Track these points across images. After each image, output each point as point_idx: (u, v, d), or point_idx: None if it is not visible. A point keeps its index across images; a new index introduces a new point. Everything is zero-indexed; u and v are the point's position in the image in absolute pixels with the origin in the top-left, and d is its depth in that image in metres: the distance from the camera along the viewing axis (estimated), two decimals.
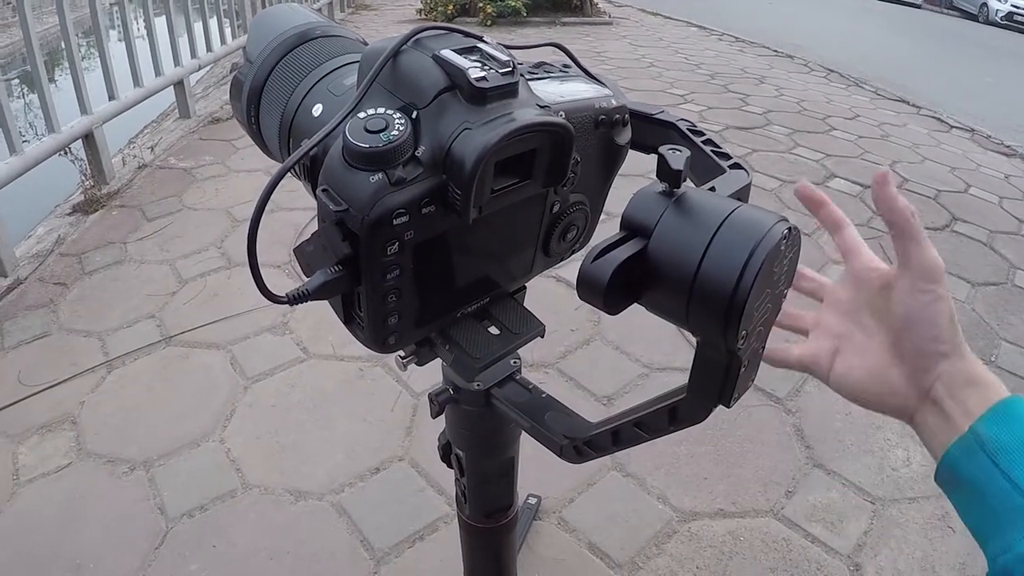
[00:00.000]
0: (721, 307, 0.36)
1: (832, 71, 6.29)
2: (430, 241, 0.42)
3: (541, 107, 0.42)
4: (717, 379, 0.40)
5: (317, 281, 0.40)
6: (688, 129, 0.54)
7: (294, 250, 0.43)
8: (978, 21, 16.99)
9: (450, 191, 0.39)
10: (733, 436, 1.75)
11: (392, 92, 0.42)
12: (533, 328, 0.55)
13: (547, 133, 0.41)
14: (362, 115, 0.40)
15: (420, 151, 0.39)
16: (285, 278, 2.34)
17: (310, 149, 0.41)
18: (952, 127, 4.83)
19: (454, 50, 0.42)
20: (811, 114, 4.62)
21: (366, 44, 0.51)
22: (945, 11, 18.77)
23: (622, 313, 0.39)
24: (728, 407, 0.42)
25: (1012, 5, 16.60)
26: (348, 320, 0.46)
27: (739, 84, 5.34)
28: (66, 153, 2.97)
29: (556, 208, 0.50)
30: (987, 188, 3.60)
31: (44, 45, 2.82)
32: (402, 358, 0.53)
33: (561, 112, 0.43)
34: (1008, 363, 2.15)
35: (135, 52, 3.57)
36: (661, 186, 0.39)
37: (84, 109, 3.06)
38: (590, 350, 2.06)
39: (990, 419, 0.42)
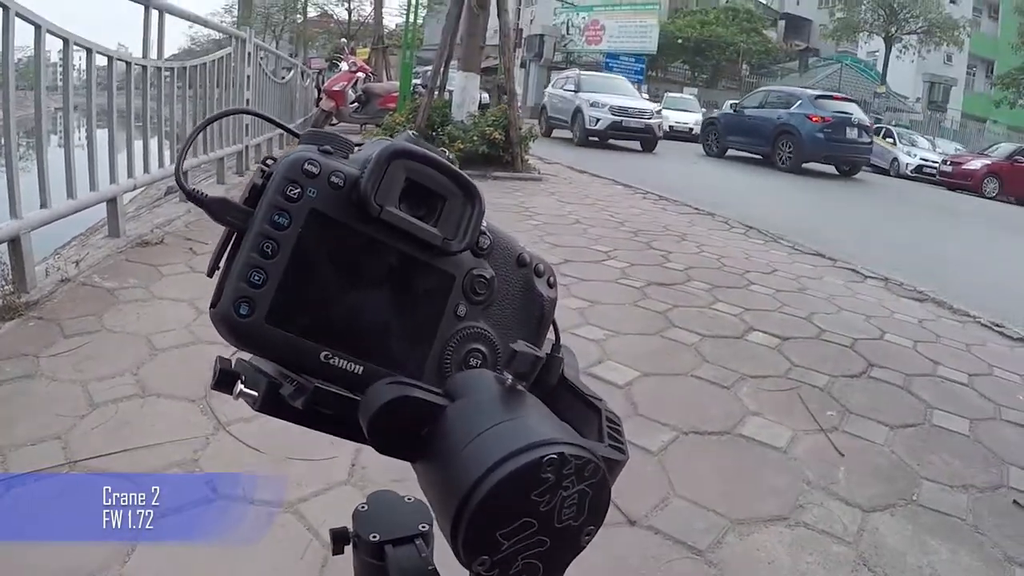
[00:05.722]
0: (449, 515, 0.33)
1: (751, 228, 6.55)
2: (326, 226, 0.42)
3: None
4: None
5: (218, 196, 0.42)
6: (607, 414, 0.49)
7: None
8: (890, 175, 18.57)
9: (361, 178, 0.42)
10: None
11: None
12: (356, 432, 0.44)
13: (461, 187, 0.45)
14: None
15: (355, 152, 0.45)
16: (199, 415, 2.20)
17: (239, 112, 0.54)
18: (867, 277, 5.05)
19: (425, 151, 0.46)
20: (730, 270, 4.78)
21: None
22: None
23: None
24: None
25: (921, 158, 18.45)
26: (211, 273, 0.44)
27: (661, 241, 5.51)
28: None
29: (461, 311, 0.47)
30: (902, 333, 3.75)
31: None
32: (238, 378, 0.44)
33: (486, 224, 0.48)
34: (929, 500, 2.16)
35: (73, 162, 3.53)
36: (508, 377, 0.39)
37: (15, 212, 2.97)
38: None
39: None
